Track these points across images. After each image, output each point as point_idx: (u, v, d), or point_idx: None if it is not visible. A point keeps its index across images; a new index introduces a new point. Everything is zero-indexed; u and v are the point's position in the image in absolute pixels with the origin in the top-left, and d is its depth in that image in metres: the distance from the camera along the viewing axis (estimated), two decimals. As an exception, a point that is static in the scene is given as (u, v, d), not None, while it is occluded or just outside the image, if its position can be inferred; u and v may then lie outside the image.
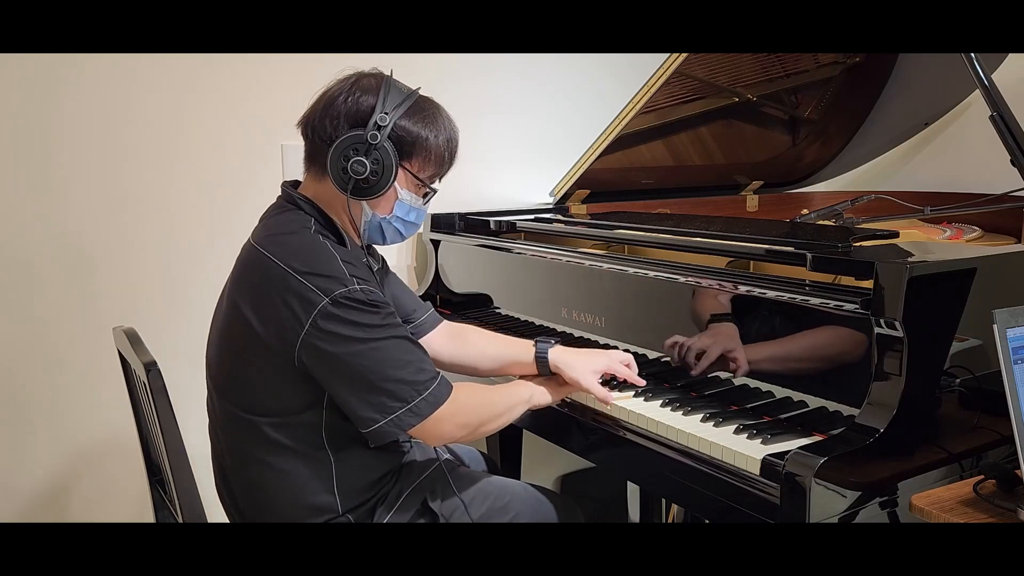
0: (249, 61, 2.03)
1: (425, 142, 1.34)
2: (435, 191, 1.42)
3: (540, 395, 1.47)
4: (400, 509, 1.38)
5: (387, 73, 1.35)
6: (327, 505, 1.34)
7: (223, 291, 1.39)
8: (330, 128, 1.30)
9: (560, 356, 1.49)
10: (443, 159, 1.38)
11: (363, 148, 1.28)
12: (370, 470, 1.38)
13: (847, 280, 1.33)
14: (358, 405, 1.25)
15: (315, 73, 1.39)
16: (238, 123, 2.05)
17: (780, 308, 1.37)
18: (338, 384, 1.26)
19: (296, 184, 1.41)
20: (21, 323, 1.87)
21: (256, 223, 1.41)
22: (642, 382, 1.50)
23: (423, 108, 1.35)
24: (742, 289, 1.42)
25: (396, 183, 1.33)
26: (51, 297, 1.90)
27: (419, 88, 1.37)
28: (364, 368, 1.24)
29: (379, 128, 1.28)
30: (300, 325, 1.23)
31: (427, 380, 1.28)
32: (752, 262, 1.61)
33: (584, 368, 1.47)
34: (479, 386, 1.42)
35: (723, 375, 1.45)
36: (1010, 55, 2.08)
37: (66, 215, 1.89)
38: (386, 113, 1.29)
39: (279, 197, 1.40)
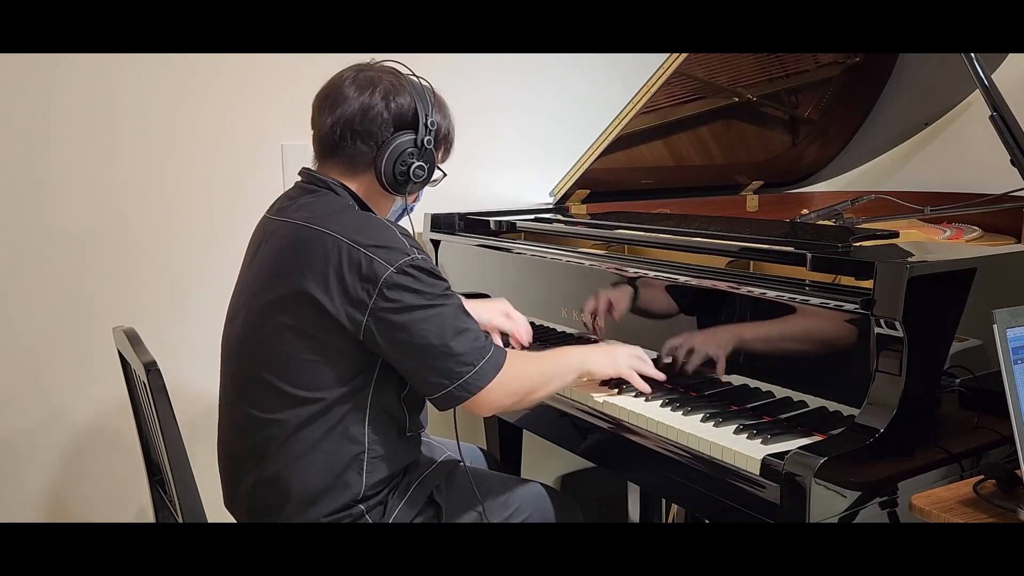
0: (249, 61, 2.03)
1: (448, 133, 1.44)
2: (445, 173, 1.47)
3: (594, 362, 1.46)
4: (410, 500, 1.39)
5: (387, 65, 1.38)
6: (352, 485, 1.33)
7: (258, 272, 1.35)
8: (377, 132, 1.34)
9: None
10: (453, 143, 1.47)
11: (417, 151, 1.36)
12: (395, 460, 1.38)
13: (847, 280, 1.32)
14: (427, 372, 1.27)
15: (315, 73, 1.40)
16: (238, 123, 2.05)
17: (780, 308, 1.37)
18: (404, 352, 1.27)
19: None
20: (21, 322, 1.87)
21: (258, 218, 1.42)
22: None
23: (439, 100, 1.42)
24: (742, 289, 1.42)
25: None
26: (52, 296, 1.90)
27: (424, 79, 1.41)
28: (430, 333, 1.26)
29: (429, 131, 1.36)
30: (368, 296, 1.25)
31: (486, 345, 1.31)
32: (752, 262, 1.61)
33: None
34: (527, 353, 1.46)
35: (723, 375, 1.45)
36: (1010, 55, 2.08)
37: (66, 215, 1.89)
38: (428, 115, 1.36)
39: (302, 181, 1.40)
